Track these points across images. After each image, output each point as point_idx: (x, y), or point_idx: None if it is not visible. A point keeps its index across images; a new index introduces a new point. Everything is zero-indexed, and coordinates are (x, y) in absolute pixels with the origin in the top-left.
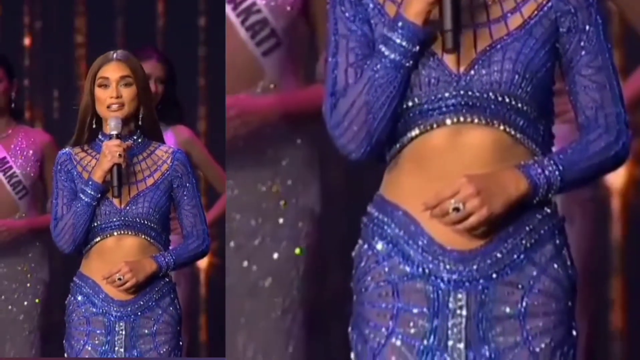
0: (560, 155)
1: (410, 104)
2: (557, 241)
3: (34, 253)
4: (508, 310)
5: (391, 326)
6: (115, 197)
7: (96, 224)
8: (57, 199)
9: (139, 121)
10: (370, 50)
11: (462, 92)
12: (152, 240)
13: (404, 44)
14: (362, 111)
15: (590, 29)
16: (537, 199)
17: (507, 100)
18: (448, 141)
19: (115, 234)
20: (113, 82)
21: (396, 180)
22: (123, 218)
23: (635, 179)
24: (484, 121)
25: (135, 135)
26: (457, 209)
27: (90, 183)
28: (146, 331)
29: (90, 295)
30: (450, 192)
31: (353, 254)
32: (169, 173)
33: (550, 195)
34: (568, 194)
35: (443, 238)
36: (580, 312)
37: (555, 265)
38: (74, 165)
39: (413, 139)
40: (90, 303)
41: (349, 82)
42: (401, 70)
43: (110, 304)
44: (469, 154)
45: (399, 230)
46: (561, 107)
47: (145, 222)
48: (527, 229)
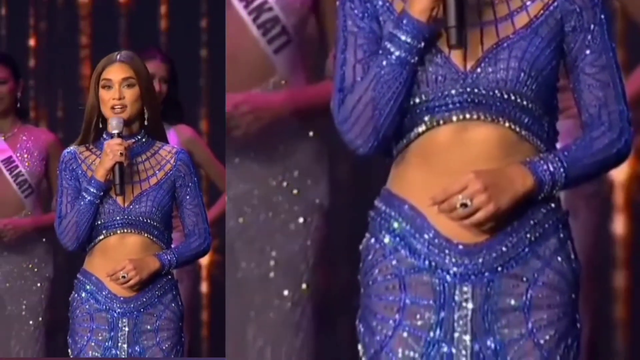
0: (565, 152)
1: (418, 100)
2: (561, 235)
3: (39, 250)
4: (513, 302)
5: (398, 318)
6: (118, 195)
7: (100, 222)
8: (62, 197)
9: (144, 121)
10: (378, 47)
11: (469, 90)
12: (155, 239)
13: (409, 40)
14: (369, 107)
15: (595, 28)
16: (542, 195)
17: (513, 97)
18: (454, 137)
19: (118, 232)
20: (116, 84)
21: (403, 174)
22: (126, 217)
23: (638, 174)
24: (489, 118)
25: (139, 135)
26: (465, 205)
27: (92, 182)
28: (149, 327)
29: (94, 292)
30: (458, 188)
31: (360, 248)
32: (172, 173)
33: (554, 191)
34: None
35: (449, 232)
36: (584, 305)
37: (560, 259)
38: (79, 164)
39: (420, 135)
40: (93, 300)
41: (356, 79)
42: (407, 67)
43: (114, 300)
44: (474, 150)
45: (406, 224)
46: (565, 103)
47: (148, 221)
48: (532, 223)
